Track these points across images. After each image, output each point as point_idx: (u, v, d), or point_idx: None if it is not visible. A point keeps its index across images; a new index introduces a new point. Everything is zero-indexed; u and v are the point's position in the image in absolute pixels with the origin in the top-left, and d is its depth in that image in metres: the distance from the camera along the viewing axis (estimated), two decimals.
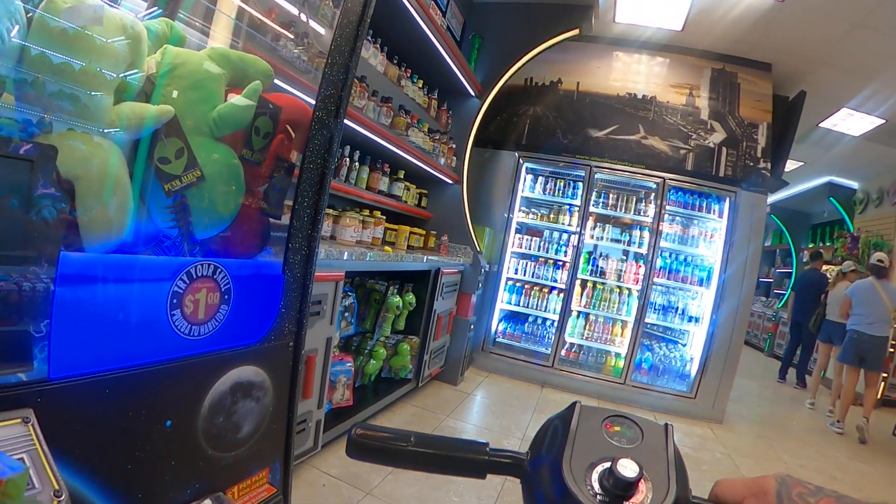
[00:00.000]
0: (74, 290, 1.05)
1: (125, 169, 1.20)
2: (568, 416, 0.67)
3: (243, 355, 1.33)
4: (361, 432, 0.71)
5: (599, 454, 0.61)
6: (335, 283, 3.09)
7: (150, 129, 1.26)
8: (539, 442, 0.69)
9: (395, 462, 0.70)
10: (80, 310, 1.06)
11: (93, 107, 1.15)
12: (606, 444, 0.63)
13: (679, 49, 6.34)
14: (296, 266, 1.44)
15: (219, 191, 1.37)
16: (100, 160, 1.14)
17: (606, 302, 6.35)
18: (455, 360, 5.57)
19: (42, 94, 1.07)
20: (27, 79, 1.05)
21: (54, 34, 1.07)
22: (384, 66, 4.35)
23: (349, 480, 3.17)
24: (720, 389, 5.83)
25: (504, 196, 6.48)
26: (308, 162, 1.41)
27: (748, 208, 5.90)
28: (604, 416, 0.67)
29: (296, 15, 2.03)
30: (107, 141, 1.17)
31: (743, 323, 5.94)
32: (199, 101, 1.36)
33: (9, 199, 0.95)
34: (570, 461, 0.60)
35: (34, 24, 1.06)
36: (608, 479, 0.55)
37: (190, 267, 1.24)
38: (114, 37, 1.16)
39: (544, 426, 0.70)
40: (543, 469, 0.64)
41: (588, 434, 0.64)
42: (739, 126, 6.09)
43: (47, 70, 1.09)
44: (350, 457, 0.70)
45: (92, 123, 1.14)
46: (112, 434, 1.08)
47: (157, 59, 1.34)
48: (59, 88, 1.10)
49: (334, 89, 1.47)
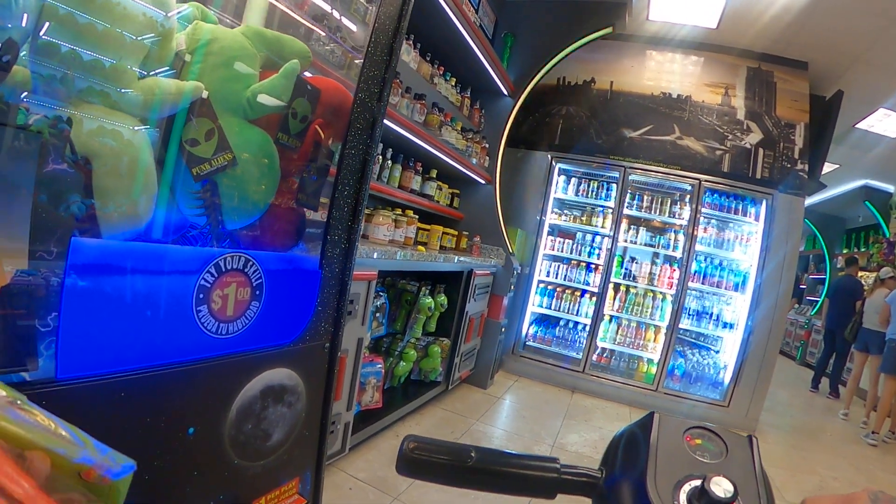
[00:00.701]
0: (88, 281, 0.95)
1: (149, 148, 1.11)
2: (646, 428, 0.61)
3: (276, 357, 1.23)
4: (414, 445, 0.63)
5: (685, 471, 0.55)
6: (368, 283, 3.00)
7: (179, 106, 1.16)
8: (612, 457, 0.62)
9: (453, 481, 0.63)
10: (94, 303, 0.95)
11: (114, 78, 1.05)
12: (690, 459, 0.58)
13: (714, 47, 6.19)
14: (334, 261, 1.33)
15: (251, 177, 1.27)
16: (121, 137, 1.04)
17: (639, 306, 6.20)
18: (485, 364, 5.46)
19: (55, 60, 0.97)
20: (39, 44, 0.95)
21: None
22: (417, 62, 4.26)
23: (376, 485, 3.07)
24: (754, 398, 5.66)
25: (536, 197, 6.37)
26: (349, 147, 1.30)
27: (785, 211, 5.72)
28: (683, 427, 0.61)
29: (334, 9, 1.93)
30: (130, 117, 1.07)
31: (779, 330, 5.76)
32: (232, 79, 1.26)
33: (13, 176, 0.85)
34: (654, 479, 0.54)
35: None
36: (699, 499, 0.50)
37: (219, 259, 1.14)
38: (131, 12, 1.06)
39: (616, 439, 0.65)
40: (623, 488, 0.57)
41: (669, 448, 0.58)
42: (776, 126, 5.91)
43: (63, 34, 0.99)
44: (401, 473, 0.63)
45: (113, 97, 1.04)
46: (128, 441, 0.97)
47: (188, 34, 1.24)
48: (72, 52, 1.00)
49: (378, 70, 1.36)
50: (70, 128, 0.99)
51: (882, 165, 9.35)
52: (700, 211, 5.96)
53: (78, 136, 1.00)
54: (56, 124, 0.99)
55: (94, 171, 1.02)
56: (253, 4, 1.55)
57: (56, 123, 0.99)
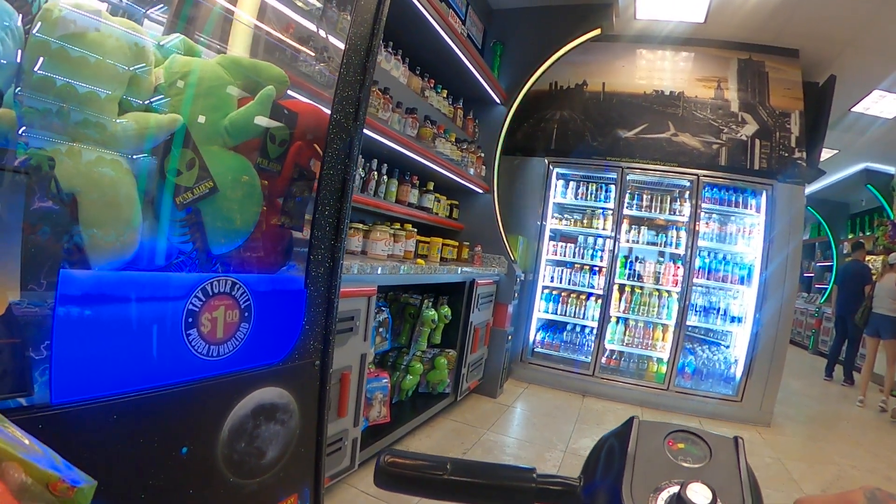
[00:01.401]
0: (77, 310, 0.98)
1: (132, 181, 1.14)
2: (625, 434, 0.59)
3: (265, 376, 1.25)
4: (391, 459, 0.64)
5: (664, 476, 0.53)
6: (367, 298, 3.02)
7: (159, 139, 1.20)
8: (593, 464, 0.61)
9: (430, 493, 0.63)
10: (85, 330, 0.99)
11: (94, 117, 1.09)
12: (671, 464, 0.56)
13: (703, 41, 6.22)
14: (319, 280, 1.36)
15: (234, 202, 1.30)
16: (103, 173, 1.08)
17: (646, 306, 6.19)
18: (493, 373, 5.46)
19: (38, 106, 1.01)
20: (22, 90, 0.99)
21: (49, 46, 1.01)
22: (407, 77, 4.30)
23: (387, 499, 3.07)
24: (767, 391, 5.62)
25: (536, 203, 6.38)
26: (328, 168, 1.33)
27: (786, 201, 5.71)
28: (665, 431, 0.59)
29: (314, 31, 1.97)
30: (111, 152, 1.10)
31: (787, 320, 5.74)
32: (210, 109, 1.29)
33: (2, 213, 0.89)
34: (630, 485, 0.52)
35: (30, 41, 1.01)
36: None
37: (206, 283, 1.17)
38: (112, 45, 1.10)
39: (597, 446, 0.63)
40: (599, 495, 0.56)
41: (649, 453, 0.57)
42: (771, 116, 5.91)
43: (46, 81, 1.03)
44: (378, 486, 0.64)
45: (93, 135, 1.08)
46: (122, 462, 1.00)
47: (166, 68, 1.28)
48: (65, 85, 1.04)
49: (352, 91, 1.39)
50: (54, 166, 1.03)
51: (881, 147, 9.33)
52: (700, 206, 5.95)
53: (62, 172, 1.03)
54: (40, 163, 1.02)
55: (79, 205, 1.06)
56: (237, 31, 1.58)
57: (40, 162, 1.02)
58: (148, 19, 1.41)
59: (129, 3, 1.36)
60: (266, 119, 1.33)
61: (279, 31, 1.80)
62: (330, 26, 1.76)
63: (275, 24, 1.78)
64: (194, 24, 1.50)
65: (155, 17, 1.43)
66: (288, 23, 1.85)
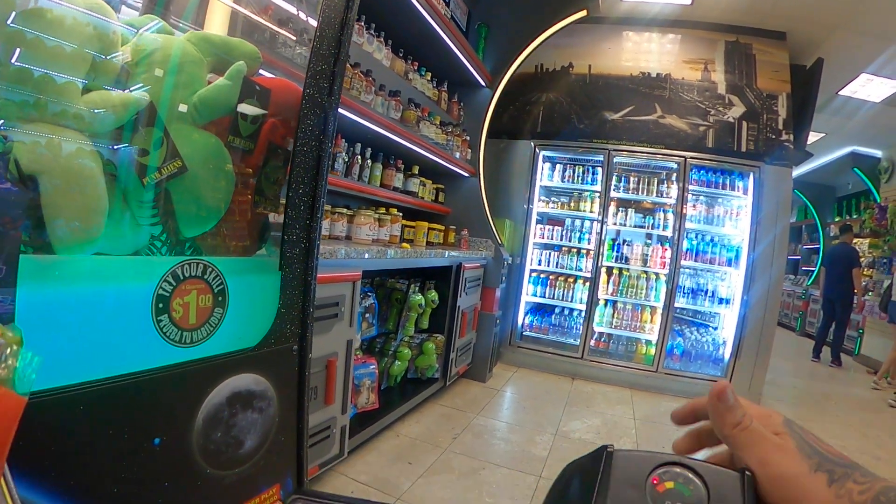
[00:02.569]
0: (39, 296, 0.93)
1: (97, 162, 1.09)
2: (594, 470, 0.46)
3: (240, 362, 1.20)
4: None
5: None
6: (352, 284, 2.98)
7: (125, 118, 1.14)
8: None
9: None
10: (50, 316, 0.94)
11: (55, 98, 1.04)
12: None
13: (690, 24, 6.18)
14: (294, 261, 1.31)
15: (205, 183, 1.25)
16: (66, 154, 1.02)
17: (634, 288, 6.18)
18: (482, 357, 5.44)
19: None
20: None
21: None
22: (390, 59, 4.24)
23: (379, 486, 3.06)
24: (755, 372, 5.64)
25: (522, 186, 6.34)
26: (301, 145, 1.28)
27: (774, 183, 5.69)
28: (649, 467, 0.45)
29: (290, 9, 1.91)
30: (74, 132, 1.05)
31: (775, 301, 5.74)
32: (179, 86, 1.24)
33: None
34: None
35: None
36: None
37: (175, 267, 1.12)
38: (71, 24, 1.04)
39: (560, 478, 0.51)
40: None
41: (626, 499, 0.44)
42: (758, 98, 5.89)
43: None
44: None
45: (55, 115, 1.03)
46: (91, 454, 0.96)
47: (133, 46, 1.23)
48: (18, 69, 0.99)
49: (326, 65, 1.34)
50: (10, 148, 0.98)
51: (868, 131, 9.34)
52: (688, 189, 5.92)
53: (22, 155, 0.98)
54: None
55: (41, 188, 1.01)
56: (212, 11, 1.53)
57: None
58: (125, 6, 1.36)
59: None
60: (236, 94, 1.27)
61: (255, 13, 1.74)
62: (304, 1, 1.71)
63: (252, 6, 1.72)
64: (169, 8, 1.44)
65: (131, 3, 1.38)
66: (265, 4, 1.79)
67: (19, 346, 0.66)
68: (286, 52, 1.98)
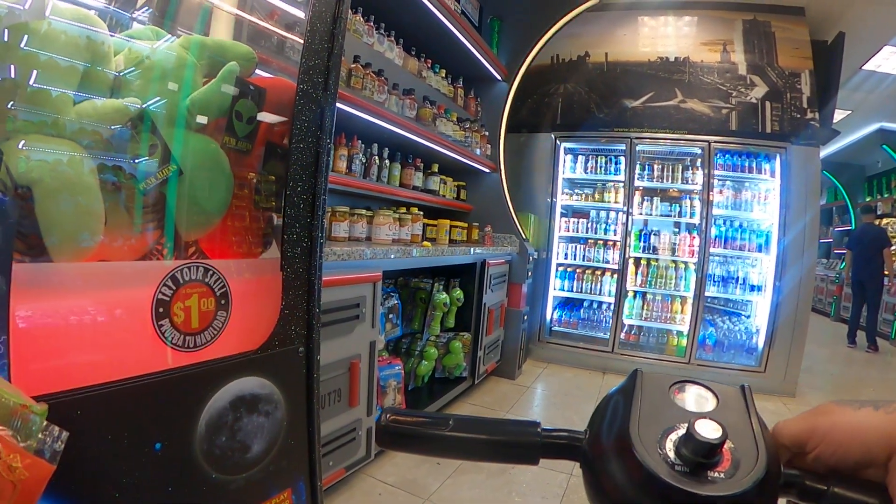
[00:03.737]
0: (36, 303, 0.93)
1: (92, 170, 1.08)
2: (629, 387, 0.57)
3: (243, 365, 1.18)
4: (393, 417, 0.61)
5: (672, 421, 0.51)
6: (372, 284, 2.97)
7: (116, 126, 1.14)
8: (598, 418, 0.58)
9: (432, 450, 0.61)
10: (45, 323, 0.94)
11: (48, 108, 1.04)
12: (678, 410, 0.54)
13: (705, 4, 6.05)
14: (296, 261, 1.29)
15: (201, 186, 1.23)
16: (59, 163, 1.02)
17: (663, 279, 6.08)
18: (511, 354, 5.40)
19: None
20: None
21: None
22: (402, 58, 4.22)
23: (406, 487, 3.03)
24: (790, 360, 5.49)
25: (545, 180, 6.29)
26: (297, 141, 1.26)
27: (801, 163, 5.55)
28: (670, 382, 0.57)
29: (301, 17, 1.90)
30: (68, 141, 1.05)
31: (809, 287, 5.61)
32: (172, 91, 1.23)
33: None
34: (638, 431, 0.50)
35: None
36: (686, 446, 0.46)
37: (174, 271, 1.11)
38: (63, 39, 1.04)
39: (603, 402, 0.60)
40: (608, 445, 0.53)
41: (655, 402, 0.55)
42: (780, 77, 5.73)
43: None
44: (380, 445, 0.60)
45: (47, 125, 1.03)
46: (89, 460, 0.95)
47: (125, 54, 1.22)
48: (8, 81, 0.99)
49: (319, 59, 1.32)
50: (1, 158, 0.97)
51: (894, 105, 9.06)
52: (713, 174, 5.81)
53: (14, 164, 0.98)
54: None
55: (35, 197, 1.00)
56: (219, 20, 1.52)
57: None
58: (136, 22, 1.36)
59: (116, 10, 1.30)
60: (229, 96, 1.26)
61: (260, 18, 1.73)
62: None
63: (255, 12, 1.71)
64: (175, 21, 1.44)
65: (142, 19, 1.38)
66: (269, 10, 1.78)
67: (44, 418, 0.73)
68: (296, 56, 1.96)
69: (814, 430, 0.51)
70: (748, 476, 0.45)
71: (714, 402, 0.55)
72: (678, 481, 0.45)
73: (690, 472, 0.45)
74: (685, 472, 0.46)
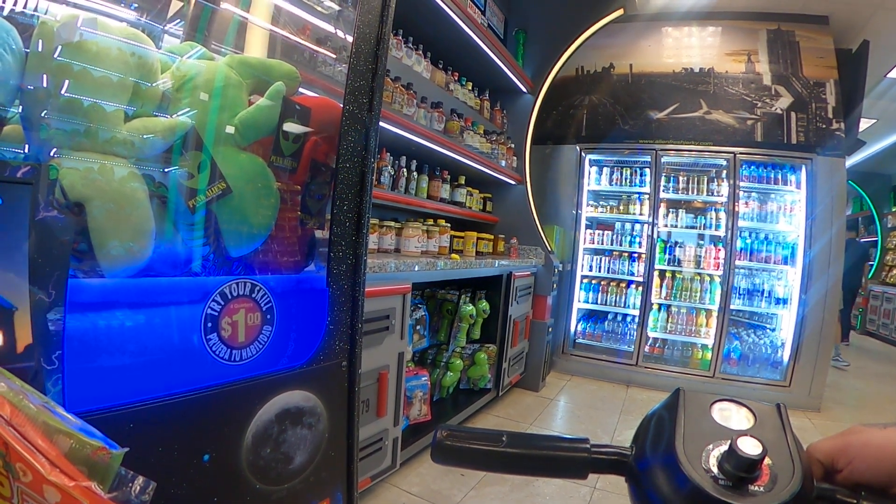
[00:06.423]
0: (88, 319, 0.96)
1: (143, 187, 1.11)
2: (673, 404, 0.61)
3: (290, 379, 1.21)
4: (447, 433, 0.63)
5: (713, 438, 0.55)
6: (402, 296, 2.99)
7: (167, 143, 1.17)
8: (643, 434, 0.62)
9: (486, 465, 0.63)
10: (97, 339, 0.97)
11: (100, 126, 1.07)
12: (719, 427, 0.57)
13: (729, 14, 6.01)
14: (341, 277, 1.32)
15: (249, 203, 1.26)
16: (111, 180, 1.05)
17: (688, 291, 6.03)
18: (535, 366, 5.39)
19: (45, 106, 0.99)
20: (28, 92, 0.98)
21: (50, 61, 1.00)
22: (430, 72, 4.25)
23: (430, 498, 3.04)
24: (816, 375, 5.42)
25: (570, 192, 6.29)
26: (344, 161, 1.29)
27: (827, 174, 5.49)
28: (711, 400, 0.61)
29: (327, 27, 1.93)
30: (118, 159, 1.08)
31: (834, 300, 5.55)
32: (220, 109, 1.26)
33: (7, 226, 0.87)
34: (683, 447, 0.54)
35: (30, 56, 1.00)
36: (729, 461, 0.50)
37: (223, 287, 1.14)
38: (114, 55, 1.08)
39: (646, 419, 0.65)
40: (654, 460, 0.57)
41: (697, 419, 0.58)
42: (805, 87, 5.69)
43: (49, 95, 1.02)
44: (435, 461, 0.63)
45: (100, 143, 1.06)
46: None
47: (173, 72, 1.26)
48: (65, 99, 1.03)
49: (364, 80, 1.35)
50: (57, 175, 1.01)
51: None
52: (738, 185, 5.77)
53: (68, 182, 1.01)
54: (45, 172, 1.00)
55: (88, 214, 1.04)
56: (249, 37, 1.56)
57: (45, 171, 1.00)
58: (167, 34, 1.40)
59: (148, 21, 1.34)
60: (276, 115, 1.29)
61: (293, 33, 1.77)
62: (340, 20, 1.72)
63: (287, 27, 1.74)
64: (209, 35, 1.48)
65: (173, 31, 1.42)
66: (302, 24, 1.82)
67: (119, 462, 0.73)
68: (326, 69, 2.00)
69: (846, 448, 0.55)
70: (786, 489, 0.48)
71: (752, 419, 0.58)
72: (722, 494, 0.48)
73: (733, 486, 0.49)
74: (728, 485, 0.49)
